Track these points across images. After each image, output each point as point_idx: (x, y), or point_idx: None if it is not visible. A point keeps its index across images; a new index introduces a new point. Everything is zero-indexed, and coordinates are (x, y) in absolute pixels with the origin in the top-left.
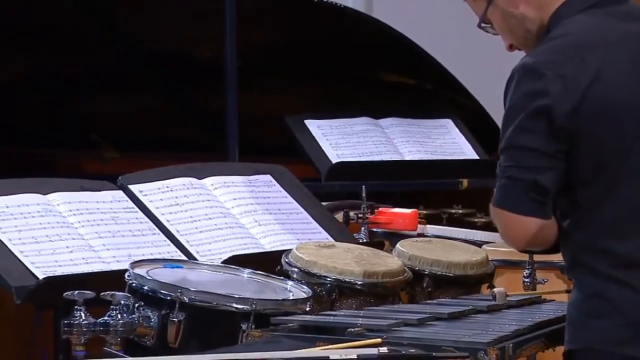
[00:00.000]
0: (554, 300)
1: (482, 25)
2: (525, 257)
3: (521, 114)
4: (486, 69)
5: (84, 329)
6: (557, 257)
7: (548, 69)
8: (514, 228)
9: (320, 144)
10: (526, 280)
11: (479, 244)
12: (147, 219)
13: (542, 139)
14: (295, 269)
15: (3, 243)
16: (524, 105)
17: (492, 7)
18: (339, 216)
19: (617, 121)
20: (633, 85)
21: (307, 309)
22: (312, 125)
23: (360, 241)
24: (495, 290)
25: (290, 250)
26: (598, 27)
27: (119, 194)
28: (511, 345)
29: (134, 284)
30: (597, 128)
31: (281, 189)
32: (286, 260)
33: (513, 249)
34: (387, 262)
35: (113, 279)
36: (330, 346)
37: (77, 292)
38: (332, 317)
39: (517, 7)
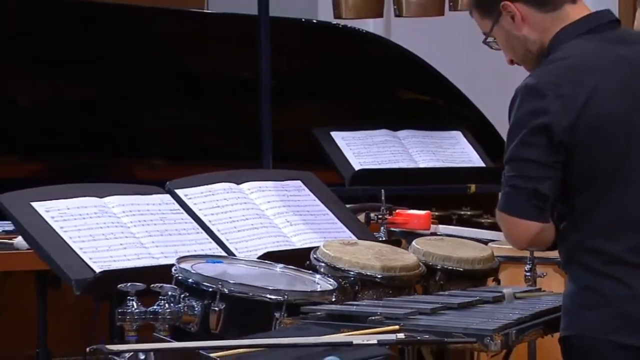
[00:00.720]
0: (552, 292)
1: (487, 41)
2: (526, 253)
3: (524, 130)
4: (491, 88)
5: (136, 317)
6: (555, 254)
7: (549, 89)
8: (516, 230)
9: (345, 153)
10: (527, 274)
11: (485, 242)
12: (191, 220)
13: (542, 152)
14: (322, 264)
15: (64, 241)
16: (527, 122)
17: (497, 27)
18: (361, 217)
19: (610, 137)
20: (624, 105)
21: (333, 299)
22: (337, 136)
23: (380, 239)
24: (505, 291)
25: (317, 247)
26: (593, 51)
27: (167, 197)
28: (514, 331)
29: (180, 277)
30: (592, 143)
31: (310, 193)
32: (314, 256)
33: (522, 248)
34: (404, 257)
35: (161, 272)
36: (354, 332)
37: (129, 284)
38: (355, 307)
39: (521, 30)
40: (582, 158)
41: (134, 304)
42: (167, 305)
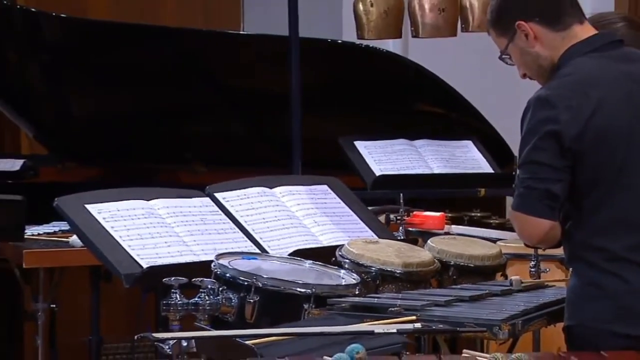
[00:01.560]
0: (554, 285)
1: (503, 57)
2: (531, 251)
3: (536, 136)
4: (500, 101)
5: (179, 308)
6: (558, 251)
7: (559, 101)
8: (530, 228)
9: (367, 160)
10: (532, 269)
11: (493, 241)
12: (228, 220)
13: (553, 157)
14: (347, 260)
15: (115, 239)
16: (539, 129)
17: (512, 44)
18: (382, 218)
19: (613, 145)
20: (626, 116)
21: (356, 292)
22: (360, 145)
23: (399, 238)
24: (512, 278)
25: (342, 245)
26: (599, 68)
27: (207, 200)
28: (520, 322)
29: (218, 272)
30: (597, 150)
31: (335, 196)
32: (339, 253)
33: (527, 244)
34: (421, 255)
35: (202, 268)
36: (375, 322)
37: (173, 278)
38: (376, 299)
39: (533, 47)
40: (588, 164)
41: (177, 296)
42: (207, 297)
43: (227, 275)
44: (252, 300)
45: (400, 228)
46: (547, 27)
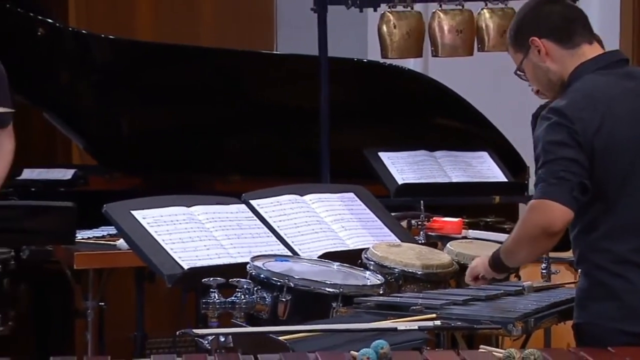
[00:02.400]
0: (564, 286)
1: (518, 72)
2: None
3: (559, 136)
4: (513, 116)
5: (217, 306)
6: (567, 254)
7: (570, 112)
8: (554, 216)
9: (390, 170)
10: (543, 271)
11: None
12: (263, 225)
13: (579, 154)
14: (372, 262)
15: (158, 242)
16: (560, 130)
17: (527, 60)
18: (404, 223)
19: (618, 155)
20: (631, 129)
21: (381, 292)
22: (384, 156)
23: (420, 242)
24: (525, 284)
25: (368, 248)
26: (605, 84)
27: (243, 207)
28: (532, 319)
29: (253, 273)
30: (604, 160)
31: (361, 203)
32: (365, 256)
33: (546, 234)
34: (440, 257)
35: (238, 269)
36: (398, 320)
37: (212, 278)
38: (399, 298)
39: (544, 62)
40: (596, 172)
41: (216, 295)
42: (242, 296)
43: (262, 276)
44: (284, 299)
45: (421, 232)
46: (558, 44)
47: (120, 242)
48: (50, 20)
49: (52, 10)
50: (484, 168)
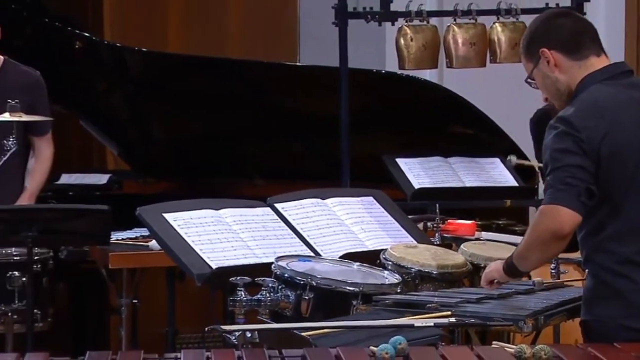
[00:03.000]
0: (572, 285)
1: (529, 80)
2: None
3: (566, 144)
4: (523, 124)
5: (244, 304)
6: (575, 255)
7: (577, 121)
8: (563, 220)
9: (407, 175)
10: (552, 271)
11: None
12: (287, 227)
13: (585, 161)
14: (390, 263)
15: (188, 243)
16: (566, 139)
17: (537, 69)
18: (420, 226)
19: (623, 161)
20: (635, 137)
21: (398, 290)
22: (401, 162)
23: (435, 243)
24: (535, 279)
25: (386, 249)
26: (612, 94)
27: (268, 210)
28: (542, 317)
29: (278, 272)
30: (609, 166)
31: (380, 207)
32: (383, 256)
33: (556, 237)
34: (454, 257)
35: (263, 269)
36: (415, 317)
37: (239, 277)
38: (415, 296)
39: (553, 72)
40: (601, 178)
41: (242, 293)
42: (268, 294)
43: (286, 275)
44: (307, 297)
45: (437, 234)
46: (566, 56)
47: (153, 243)
48: (87, 34)
49: (89, 25)
50: (496, 173)
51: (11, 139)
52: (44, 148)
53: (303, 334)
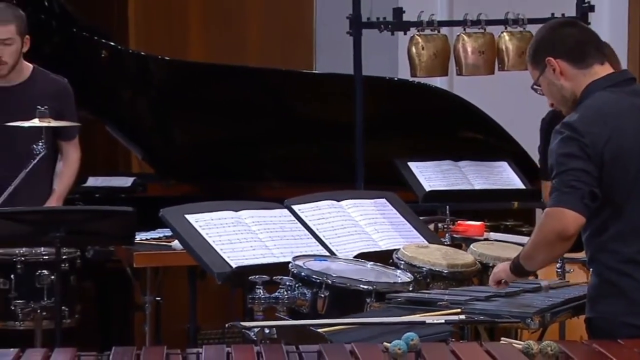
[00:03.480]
0: (577, 284)
1: (535, 87)
2: None
3: (570, 149)
4: (530, 129)
5: (262, 301)
6: (580, 255)
7: (581, 127)
8: (567, 222)
9: (418, 178)
10: (558, 270)
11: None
12: (303, 228)
13: (588, 165)
14: (402, 262)
15: (209, 243)
16: (571, 144)
17: (543, 77)
18: (431, 226)
19: (625, 165)
20: (635, 142)
21: (410, 289)
22: (413, 165)
23: (445, 243)
24: (542, 283)
25: (398, 249)
26: (615, 101)
27: (285, 211)
28: (549, 314)
29: (295, 271)
30: (612, 169)
31: (392, 208)
32: (396, 256)
33: (561, 238)
34: (464, 257)
35: (281, 268)
36: (426, 314)
37: (257, 276)
38: (427, 294)
39: (559, 80)
40: (605, 181)
41: (261, 291)
42: (285, 292)
43: (302, 274)
44: (323, 295)
45: (447, 235)
46: (571, 64)
47: (175, 243)
48: (112, 43)
49: (114, 34)
50: (504, 176)
51: (40, 144)
52: (71, 152)
53: (319, 330)
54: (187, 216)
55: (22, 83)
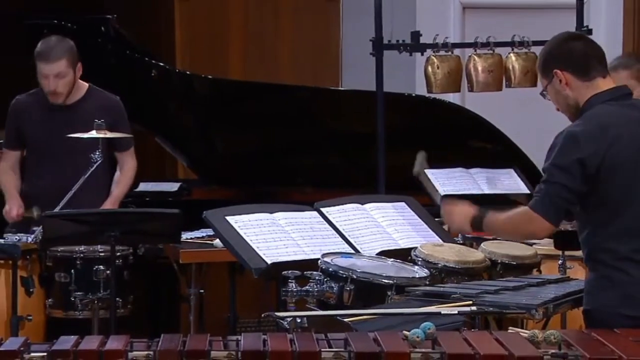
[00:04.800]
0: (577, 279)
1: (543, 93)
2: (559, 252)
3: (565, 162)
4: (535, 139)
5: (294, 294)
6: (580, 253)
7: (584, 137)
8: (539, 228)
9: (434, 184)
10: (560, 266)
11: (530, 244)
12: (331, 228)
13: (574, 181)
14: (419, 259)
15: (247, 242)
16: (567, 157)
17: (550, 85)
18: (446, 227)
19: (622, 173)
20: (633, 151)
21: (427, 283)
22: (429, 172)
23: (458, 242)
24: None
25: (416, 247)
26: (614, 113)
27: (315, 213)
28: (551, 306)
29: (323, 267)
30: (610, 176)
31: (411, 211)
32: (414, 253)
33: (528, 238)
34: (475, 255)
35: (311, 264)
36: (441, 305)
37: (290, 271)
38: (442, 288)
39: (565, 90)
40: (603, 186)
41: (293, 285)
42: (315, 286)
43: (330, 269)
44: (348, 289)
45: (460, 235)
46: (576, 77)
47: (217, 242)
48: (161, 64)
49: (163, 56)
50: (511, 182)
51: (97, 153)
52: (127, 162)
53: (345, 319)
54: (227, 217)
55: (78, 101)
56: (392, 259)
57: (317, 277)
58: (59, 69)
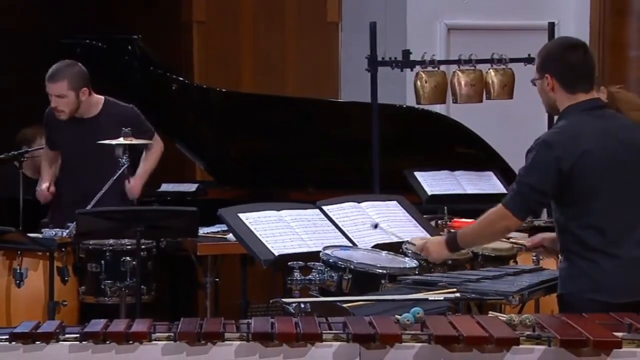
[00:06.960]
0: (549, 269)
1: (534, 82)
2: None
3: (538, 166)
4: (511, 145)
5: (299, 282)
6: None
7: (557, 144)
8: (509, 223)
9: (422, 185)
10: (534, 258)
11: (508, 238)
12: (331, 224)
13: (545, 183)
14: (410, 251)
15: (257, 236)
16: (541, 162)
17: (539, 82)
18: (433, 223)
19: (591, 177)
20: (601, 158)
21: (416, 272)
22: (418, 174)
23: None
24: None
25: (407, 241)
26: (586, 123)
27: (317, 211)
28: (527, 292)
29: (324, 258)
30: (580, 180)
31: (402, 208)
32: (405, 246)
33: (502, 235)
34: None
35: (313, 256)
36: (429, 292)
37: (295, 262)
38: (429, 277)
39: (550, 93)
40: (574, 189)
41: (298, 274)
42: (317, 275)
43: (331, 260)
44: (347, 278)
45: (445, 230)
46: (562, 87)
47: (230, 236)
48: (181, 78)
49: (183, 72)
50: (491, 183)
51: (124, 157)
52: (153, 145)
53: (344, 305)
54: (239, 214)
55: (96, 114)
56: (385, 251)
57: (319, 268)
58: (60, 91)
